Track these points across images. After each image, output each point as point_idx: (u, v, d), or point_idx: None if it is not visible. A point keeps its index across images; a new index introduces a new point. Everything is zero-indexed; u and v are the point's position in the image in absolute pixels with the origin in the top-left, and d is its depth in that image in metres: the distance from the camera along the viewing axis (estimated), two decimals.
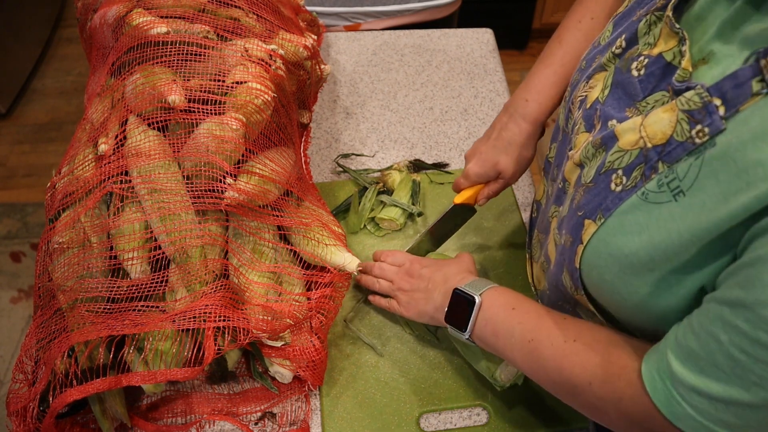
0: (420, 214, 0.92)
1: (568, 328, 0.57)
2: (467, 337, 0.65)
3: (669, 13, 0.49)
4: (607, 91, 0.54)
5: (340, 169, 0.98)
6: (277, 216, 0.71)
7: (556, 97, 0.73)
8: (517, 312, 0.62)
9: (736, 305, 0.40)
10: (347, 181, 0.97)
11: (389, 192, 0.93)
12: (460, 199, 0.79)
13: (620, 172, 0.49)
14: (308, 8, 1.06)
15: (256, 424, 0.73)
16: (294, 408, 0.74)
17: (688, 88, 0.45)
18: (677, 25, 0.48)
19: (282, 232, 0.74)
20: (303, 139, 0.91)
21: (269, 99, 0.69)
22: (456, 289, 0.67)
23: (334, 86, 1.12)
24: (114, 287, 0.65)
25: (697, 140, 0.43)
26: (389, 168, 0.95)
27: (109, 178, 0.66)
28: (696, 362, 0.43)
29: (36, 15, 2.56)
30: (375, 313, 0.82)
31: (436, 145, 1.02)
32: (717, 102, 0.42)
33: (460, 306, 0.66)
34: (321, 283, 0.73)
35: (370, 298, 0.80)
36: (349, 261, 0.72)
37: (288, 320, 0.68)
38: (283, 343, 0.69)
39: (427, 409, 0.74)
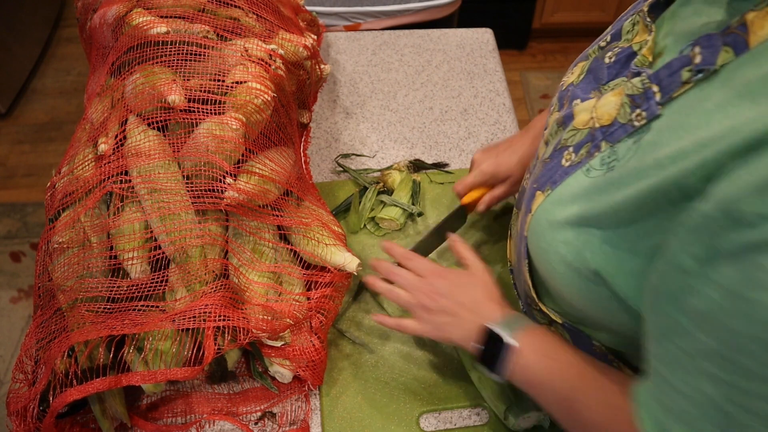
0: (420, 214, 0.91)
1: (605, 388, 0.54)
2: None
3: (645, 8, 0.52)
4: (582, 77, 0.57)
5: (340, 169, 0.98)
6: (277, 216, 0.71)
7: None
8: (554, 362, 0.58)
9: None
10: (347, 181, 0.97)
11: (389, 192, 0.93)
12: (468, 198, 0.82)
13: (571, 149, 0.52)
14: (308, 8, 1.06)
15: (256, 423, 0.73)
16: (294, 408, 0.74)
17: (639, 74, 0.48)
18: (648, 19, 0.51)
19: (282, 232, 0.74)
20: (303, 139, 0.91)
21: (269, 99, 0.69)
22: (488, 328, 0.62)
23: (334, 86, 1.12)
24: (114, 287, 0.65)
25: (636, 123, 0.46)
26: (389, 168, 0.95)
27: (109, 178, 0.66)
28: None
29: (36, 15, 2.56)
30: (369, 313, 0.82)
31: (436, 145, 1.02)
32: (655, 88, 0.45)
33: (492, 344, 0.61)
34: (321, 283, 0.73)
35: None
36: (349, 261, 0.72)
37: (288, 320, 0.68)
38: (283, 343, 0.69)
39: (427, 409, 0.74)
